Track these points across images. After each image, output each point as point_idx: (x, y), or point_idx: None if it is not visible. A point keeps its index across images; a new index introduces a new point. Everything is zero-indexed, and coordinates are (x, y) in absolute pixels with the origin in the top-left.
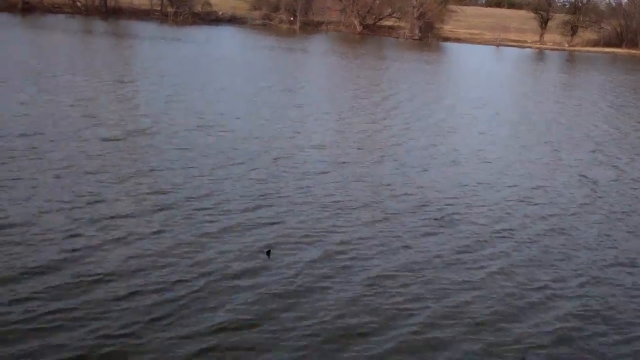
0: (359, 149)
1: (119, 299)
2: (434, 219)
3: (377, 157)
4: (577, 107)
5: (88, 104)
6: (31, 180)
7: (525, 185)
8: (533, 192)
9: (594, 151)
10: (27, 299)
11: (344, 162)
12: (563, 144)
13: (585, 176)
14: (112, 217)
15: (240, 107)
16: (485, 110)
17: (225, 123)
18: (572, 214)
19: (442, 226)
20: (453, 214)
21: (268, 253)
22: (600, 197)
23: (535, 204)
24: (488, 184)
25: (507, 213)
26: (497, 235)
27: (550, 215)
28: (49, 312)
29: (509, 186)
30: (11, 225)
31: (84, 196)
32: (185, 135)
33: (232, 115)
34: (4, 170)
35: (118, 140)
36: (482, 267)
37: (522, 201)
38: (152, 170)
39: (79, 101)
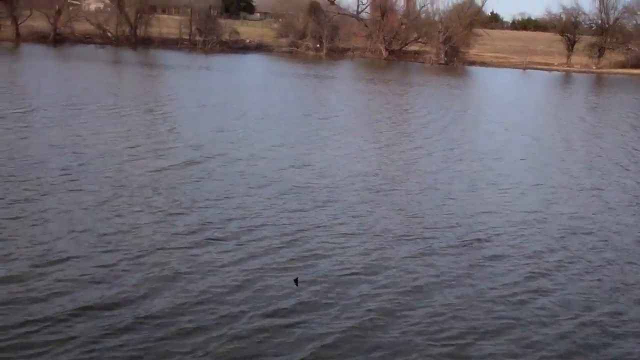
0: (398, 178)
1: (160, 338)
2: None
3: (417, 186)
4: (615, 131)
5: (126, 134)
6: (67, 213)
7: (575, 214)
8: (584, 222)
9: None
10: (71, 339)
11: (383, 192)
12: (608, 170)
13: (637, 203)
14: (151, 252)
15: (276, 136)
16: (522, 135)
17: (261, 152)
18: (626, 244)
19: (489, 259)
20: (501, 245)
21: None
22: None
23: (586, 233)
24: (535, 212)
25: (558, 243)
26: (550, 268)
27: (603, 246)
28: (90, 350)
29: (558, 215)
30: (52, 263)
31: (126, 232)
32: (224, 166)
33: (268, 144)
34: (44, 203)
35: (158, 172)
36: (535, 301)
37: (572, 231)
38: (193, 202)
39: (118, 132)
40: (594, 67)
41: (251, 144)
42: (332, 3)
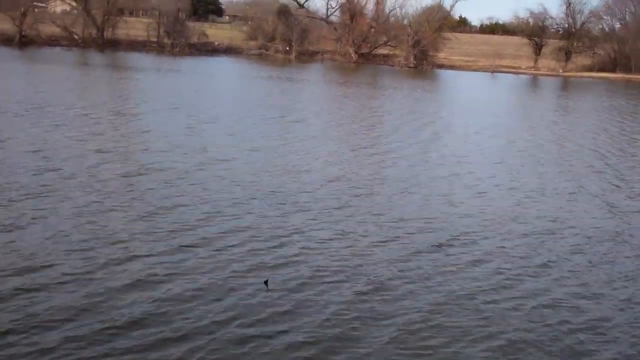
0: (375, 181)
1: (139, 347)
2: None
3: (394, 189)
4: (587, 134)
5: (98, 138)
6: (42, 220)
7: (551, 217)
8: (561, 224)
9: (614, 178)
10: (50, 349)
11: (361, 196)
12: (581, 173)
13: (611, 205)
14: (129, 259)
15: (250, 139)
16: (496, 138)
17: (236, 156)
18: (604, 246)
19: (470, 263)
20: (481, 249)
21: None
22: (630, 227)
23: (564, 237)
24: (513, 216)
25: (538, 247)
26: (532, 271)
27: (583, 248)
28: None
29: (535, 218)
30: (29, 269)
31: (101, 238)
32: (199, 170)
33: (243, 147)
34: (18, 209)
35: (132, 176)
36: (520, 306)
37: (551, 233)
38: (169, 206)
39: (89, 136)
40: (561, 71)
41: (226, 148)
42: (301, 6)
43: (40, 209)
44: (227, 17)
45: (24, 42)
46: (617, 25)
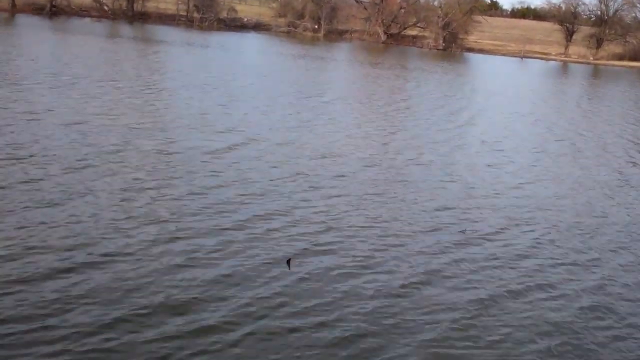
0: (412, 167)
1: (180, 333)
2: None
3: (432, 175)
4: (623, 124)
5: (132, 113)
6: (83, 196)
7: (596, 209)
8: (607, 217)
9: None
10: (87, 331)
11: (398, 182)
12: (622, 163)
13: None
14: (166, 241)
15: (284, 121)
16: (534, 125)
17: (271, 137)
18: None
19: (517, 255)
20: (526, 241)
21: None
22: None
23: (610, 232)
24: (558, 208)
25: (586, 239)
26: (581, 265)
27: (629, 244)
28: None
29: (580, 210)
30: (67, 248)
31: (138, 217)
32: (233, 151)
33: (278, 129)
34: (57, 185)
35: (167, 154)
36: (571, 303)
37: (597, 227)
38: (208, 188)
39: (124, 110)
40: (592, 58)
41: (261, 128)
42: None
43: (76, 185)
44: None
45: (54, 12)
46: None
